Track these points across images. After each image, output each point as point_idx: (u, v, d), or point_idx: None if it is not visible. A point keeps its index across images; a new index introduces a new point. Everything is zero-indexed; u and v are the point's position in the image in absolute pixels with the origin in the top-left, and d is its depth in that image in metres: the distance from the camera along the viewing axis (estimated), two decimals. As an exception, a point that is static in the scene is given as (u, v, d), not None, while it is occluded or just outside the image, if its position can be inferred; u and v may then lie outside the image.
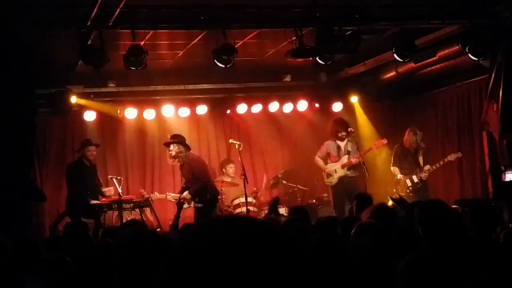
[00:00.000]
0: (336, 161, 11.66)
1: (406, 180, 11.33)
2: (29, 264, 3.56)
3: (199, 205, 10.86)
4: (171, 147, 11.03)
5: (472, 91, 12.08)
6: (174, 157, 10.99)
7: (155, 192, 11.83)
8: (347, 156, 11.58)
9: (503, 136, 9.95)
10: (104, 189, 11.05)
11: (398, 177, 11.43)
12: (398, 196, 8.64)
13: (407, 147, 11.43)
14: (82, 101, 11.92)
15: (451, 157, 11.29)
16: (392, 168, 11.58)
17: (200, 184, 10.86)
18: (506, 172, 9.55)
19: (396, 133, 12.53)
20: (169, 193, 11.64)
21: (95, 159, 11.21)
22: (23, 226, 8.25)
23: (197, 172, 10.96)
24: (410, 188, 11.24)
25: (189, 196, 10.87)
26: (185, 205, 11.11)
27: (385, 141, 11.55)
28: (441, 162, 11.31)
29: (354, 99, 13.27)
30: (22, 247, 4.67)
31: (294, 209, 7.74)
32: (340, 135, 11.59)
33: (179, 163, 11.07)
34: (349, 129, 11.57)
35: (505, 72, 9.58)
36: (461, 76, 11.96)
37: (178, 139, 11.14)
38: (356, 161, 11.31)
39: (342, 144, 11.67)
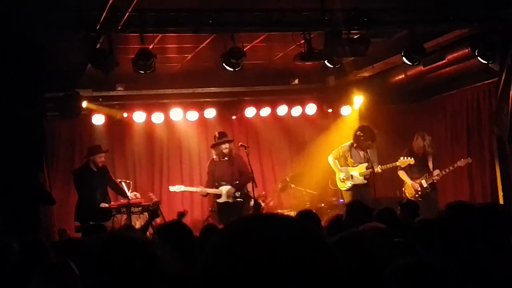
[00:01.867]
0: (352, 166, 11.49)
1: (415, 185, 11.23)
2: (35, 267, 3.55)
3: (241, 199, 11.04)
4: (225, 145, 11.11)
5: (481, 95, 12.02)
6: (228, 154, 11.04)
7: (181, 185, 11.80)
8: (365, 164, 11.38)
9: None
10: (130, 194, 11.04)
11: (407, 182, 11.32)
12: (407, 201, 8.51)
13: (416, 152, 11.33)
14: (93, 106, 11.97)
15: (461, 163, 11.15)
16: (398, 172, 11.45)
17: (247, 179, 11.04)
18: None
19: (404, 137, 12.48)
20: (202, 187, 11.59)
21: (104, 164, 11.22)
22: (32, 229, 8.25)
23: (244, 167, 11.15)
24: (420, 193, 11.12)
25: (226, 190, 10.95)
26: (221, 199, 11.12)
27: (412, 160, 11.23)
28: (451, 168, 11.19)
29: (358, 100, 13.14)
30: (30, 250, 4.67)
31: (302, 214, 7.62)
32: (367, 144, 11.30)
33: (225, 159, 11.07)
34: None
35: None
36: (471, 80, 11.90)
37: (227, 137, 11.21)
38: (378, 171, 11.18)
39: (362, 151, 11.47)
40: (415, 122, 13.24)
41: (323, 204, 12.48)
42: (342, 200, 11.76)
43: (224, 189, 11.16)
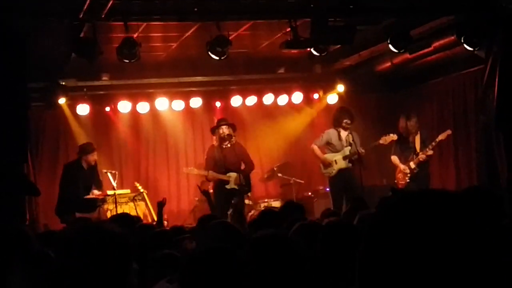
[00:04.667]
0: (336, 152, 11.44)
1: (404, 168, 11.18)
2: (17, 258, 3.52)
3: (246, 187, 10.99)
4: (224, 128, 10.93)
5: (467, 82, 12.03)
6: (228, 140, 10.89)
7: (194, 168, 11.62)
8: (349, 147, 11.32)
9: (498, 130, 9.92)
10: (93, 190, 10.91)
11: (400, 167, 11.18)
12: (396, 188, 8.48)
13: (402, 133, 11.24)
14: (65, 106, 11.89)
15: (442, 136, 10.97)
16: (392, 157, 11.35)
17: (251, 167, 11.07)
18: None
19: (390, 125, 12.46)
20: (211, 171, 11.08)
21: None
22: (17, 220, 8.19)
23: (247, 156, 11.12)
24: (409, 175, 11.06)
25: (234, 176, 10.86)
26: (229, 186, 10.96)
27: (395, 136, 11.16)
28: (433, 143, 11.05)
29: (340, 88, 13.12)
30: (12, 240, 4.61)
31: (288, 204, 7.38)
32: (345, 122, 11.20)
33: (227, 145, 10.94)
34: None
35: (501, 62, 9.54)
36: (457, 67, 11.90)
37: (228, 122, 11.11)
38: (363, 152, 11.13)
39: (344, 134, 11.38)
40: (402, 109, 13.20)
41: (310, 193, 12.49)
42: (328, 189, 11.73)
43: (232, 175, 11.00)
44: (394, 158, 11.26)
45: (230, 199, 10.60)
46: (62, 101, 11.66)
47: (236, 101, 12.98)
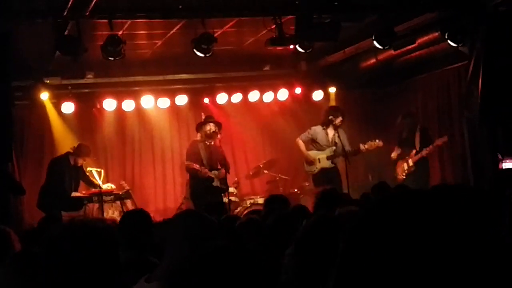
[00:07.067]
0: (320, 150, 11.45)
1: (403, 164, 11.30)
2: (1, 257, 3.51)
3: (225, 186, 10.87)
4: (212, 125, 10.90)
5: (452, 78, 12.10)
6: (212, 137, 10.85)
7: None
8: (334, 148, 11.35)
9: (483, 125, 10.00)
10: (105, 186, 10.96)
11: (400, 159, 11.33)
12: (378, 183, 8.48)
13: (401, 132, 11.39)
14: (49, 105, 11.82)
15: (439, 141, 11.16)
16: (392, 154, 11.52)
17: (228, 170, 10.93)
18: (504, 161, 9.54)
19: (375, 122, 12.52)
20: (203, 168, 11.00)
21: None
22: (2, 219, 8.14)
23: (225, 158, 11.06)
24: (406, 171, 11.25)
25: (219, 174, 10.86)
26: (215, 183, 10.94)
27: (380, 143, 11.25)
28: (431, 147, 11.18)
29: (332, 89, 13.20)
30: None
31: (272, 198, 7.22)
32: (337, 121, 11.21)
33: (211, 143, 10.91)
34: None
35: (484, 58, 9.60)
36: (441, 63, 11.97)
37: (215, 120, 11.07)
38: (350, 150, 11.15)
39: (331, 133, 11.39)
40: (386, 106, 13.30)
41: (296, 189, 12.50)
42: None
43: (217, 173, 10.97)
44: (394, 155, 11.44)
45: (217, 196, 10.61)
46: (44, 96, 11.56)
47: (221, 98, 12.96)
